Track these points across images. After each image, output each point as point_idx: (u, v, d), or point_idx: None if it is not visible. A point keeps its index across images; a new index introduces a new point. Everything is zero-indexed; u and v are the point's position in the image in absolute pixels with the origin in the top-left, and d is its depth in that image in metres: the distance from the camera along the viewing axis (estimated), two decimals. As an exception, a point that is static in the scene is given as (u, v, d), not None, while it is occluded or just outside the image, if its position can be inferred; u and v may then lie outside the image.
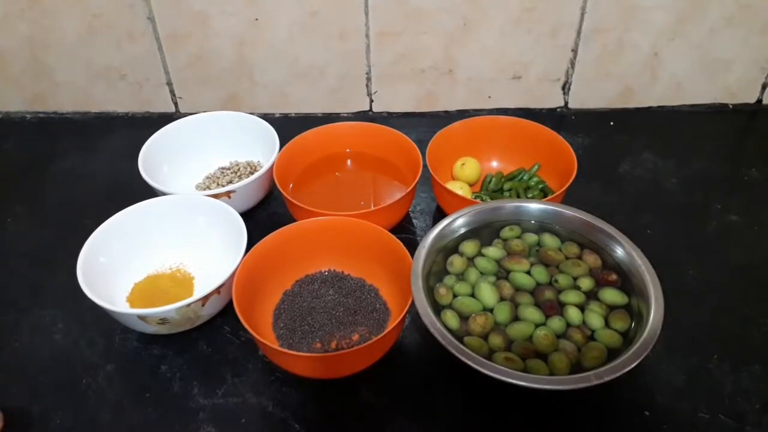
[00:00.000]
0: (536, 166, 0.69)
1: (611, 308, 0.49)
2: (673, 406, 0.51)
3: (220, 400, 0.52)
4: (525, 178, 0.69)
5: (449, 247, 0.55)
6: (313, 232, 0.59)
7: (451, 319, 0.49)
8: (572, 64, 0.81)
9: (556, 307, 0.49)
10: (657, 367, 0.53)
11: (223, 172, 0.75)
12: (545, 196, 0.67)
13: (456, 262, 0.53)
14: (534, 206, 0.57)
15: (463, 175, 0.70)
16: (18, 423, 0.51)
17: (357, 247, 0.59)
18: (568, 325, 0.48)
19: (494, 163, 0.73)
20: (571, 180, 0.62)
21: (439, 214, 0.69)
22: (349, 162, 0.74)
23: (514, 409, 0.51)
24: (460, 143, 0.71)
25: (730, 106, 0.86)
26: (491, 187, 0.69)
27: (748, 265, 0.63)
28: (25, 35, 0.79)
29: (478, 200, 0.64)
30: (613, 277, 0.51)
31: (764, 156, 0.77)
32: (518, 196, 0.67)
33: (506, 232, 0.56)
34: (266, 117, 0.74)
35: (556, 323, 0.48)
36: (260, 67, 0.82)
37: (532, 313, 0.49)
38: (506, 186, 0.69)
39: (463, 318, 0.49)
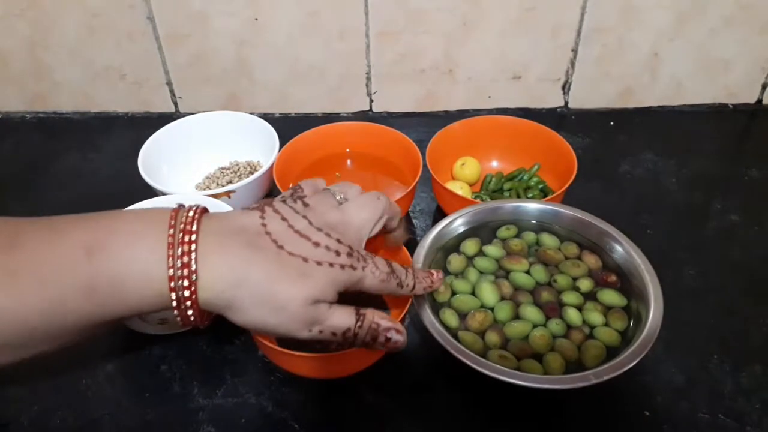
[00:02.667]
0: (536, 167, 0.69)
1: (610, 309, 0.49)
2: (673, 406, 0.51)
3: (219, 400, 0.52)
4: (525, 178, 0.69)
5: (448, 247, 0.55)
6: (313, 232, 0.59)
7: (450, 317, 0.49)
8: (572, 64, 0.81)
9: (557, 309, 0.49)
10: (657, 367, 0.53)
11: (222, 172, 0.75)
12: (545, 196, 0.67)
13: (454, 262, 0.53)
14: (533, 206, 0.57)
15: (463, 175, 0.70)
16: (18, 423, 0.51)
17: (357, 247, 0.59)
18: (568, 326, 0.48)
19: (494, 163, 0.73)
20: (571, 180, 0.62)
21: (439, 214, 0.69)
22: (349, 162, 0.74)
23: (514, 408, 0.51)
24: (460, 143, 0.71)
25: (731, 106, 0.86)
26: (491, 187, 0.69)
27: (749, 264, 0.63)
28: (24, 35, 0.79)
29: (478, 200, 0.64)
30: (613, 278, 0.51)
31: (764, 156, 0.77)
32: (518, 196, 0.67)
33: (503, 232, 0.56)
34: (266, 117, 0.74)
35: (554, 325, 0.48)
36: (260, 67, 0.82)
37: (531, 313, 0.49)
38: (506, 186, 0.69)
39: (462, 316, 0.49)
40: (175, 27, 0.78)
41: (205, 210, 0.38)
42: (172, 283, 0.34)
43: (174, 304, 0.35)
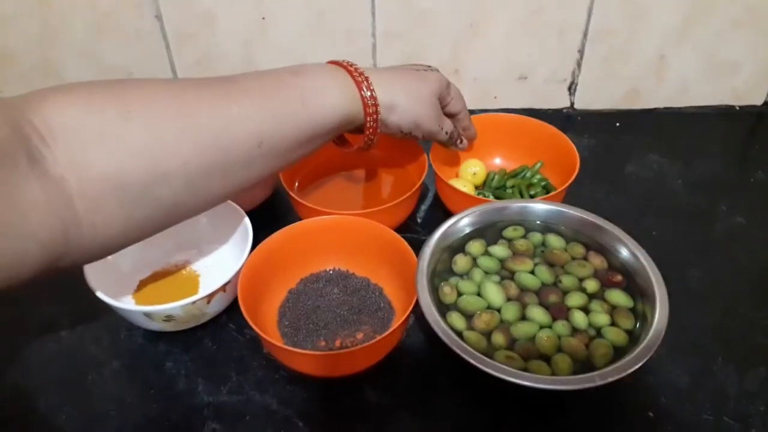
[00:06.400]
0: (539, 164, 0.69)
1: (616, 309, 0.49)
2: (677, 407, 0.51)
3: (224, 397, 0.52)
4: (528, 175, 0.69)
5: (454, 247, 0.55)
6: (319, 231, 0.59)
7: (457, 320, 0.49)
8: (579, 65, 0.81)
9: (564, 311, 0.49)
10: (661, 368, 0.53)
11: (229, 171, 0.75)
12: (548, 194, 0.67)
13: (460, 262, 0.53)
14: (539, 206, 0.57)
15: (467, 174, 0.70)
16: (24, 419, 0.51)
17: (362, 246, 0.59)
18: (574, 328, 0.48)
19: (497, 161, 0.73)
20: (573, 177, 0.62)
21: (444, 214, 0.69)
22: (354, 162, 0.74)
23: (518, 408, 0.51)
24: None
25: (737, 108, 0.86)
26: (494, 185, 0.69)
27: (754, 267, 0.63)
28: (34, 33, 0.79)
29: (481, 197, 0.64)
30: (619, 278, 0.51)
31: (771, 158, 0.77)
32: (521, 194, 0.67)
33: (509, 232, 0.56)
34: (272, 116, 0.74)
35: (559, 327, 0.48)
36: (267, 66, 0.80)
37: (538, 314, 0.49)
38: (509, 183, 0.69)
39: (468, 317, 0.49)
40: (182, 26, 0.78)
41: None
42: (358, 84, 0.51)
43: (360, 95, 0.51)
